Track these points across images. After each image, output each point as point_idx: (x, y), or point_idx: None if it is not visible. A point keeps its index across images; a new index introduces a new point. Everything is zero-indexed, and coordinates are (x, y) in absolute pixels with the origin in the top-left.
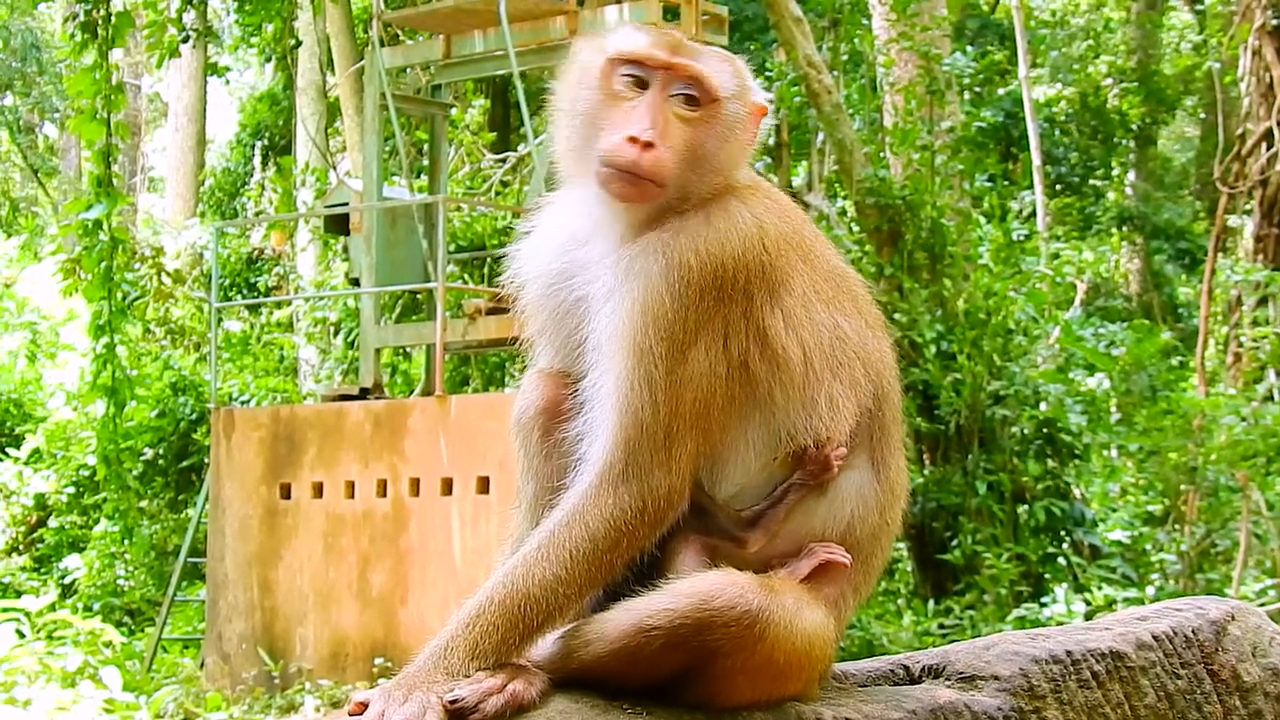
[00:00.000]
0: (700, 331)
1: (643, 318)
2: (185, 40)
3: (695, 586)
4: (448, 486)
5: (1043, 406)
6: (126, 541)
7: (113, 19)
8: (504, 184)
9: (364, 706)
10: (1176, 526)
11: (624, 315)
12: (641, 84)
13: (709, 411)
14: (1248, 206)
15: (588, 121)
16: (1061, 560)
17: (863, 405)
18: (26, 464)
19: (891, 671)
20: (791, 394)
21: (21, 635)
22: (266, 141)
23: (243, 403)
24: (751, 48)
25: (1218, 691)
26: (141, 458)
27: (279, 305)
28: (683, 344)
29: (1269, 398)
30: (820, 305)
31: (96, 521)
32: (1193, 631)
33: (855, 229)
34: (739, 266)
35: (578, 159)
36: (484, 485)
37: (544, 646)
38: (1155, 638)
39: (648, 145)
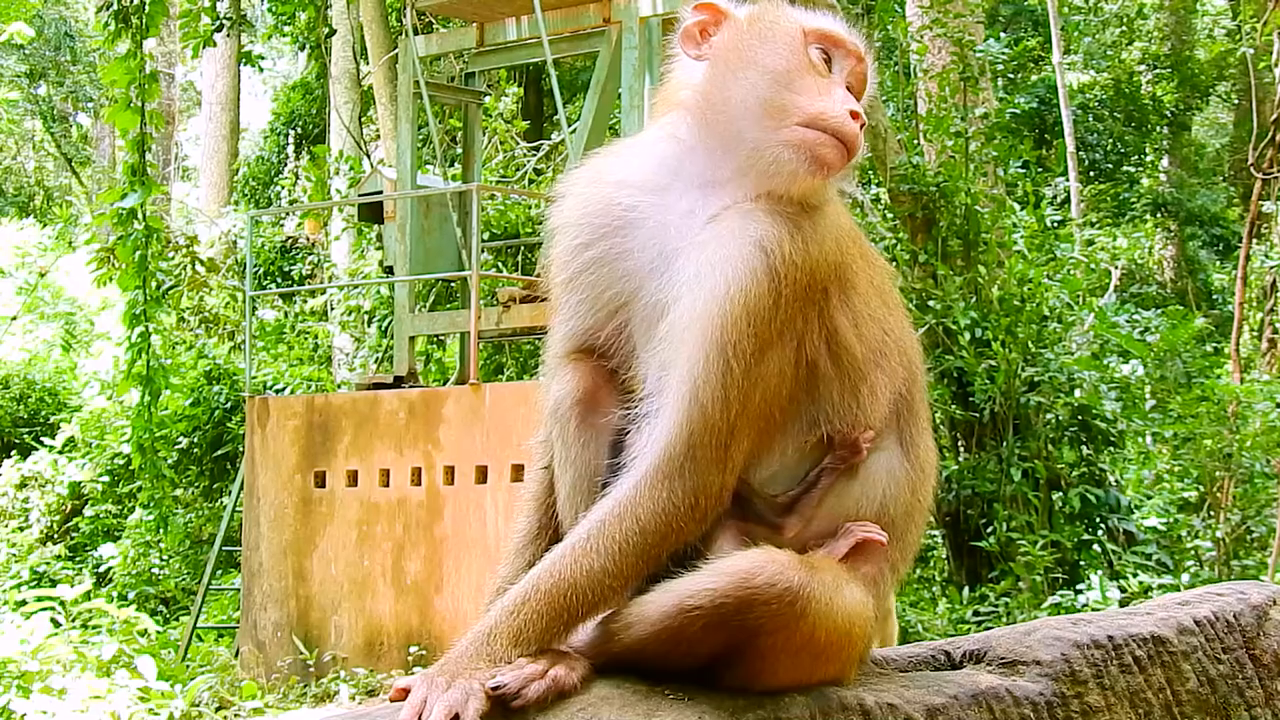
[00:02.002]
0: (784, 332)
1: (736, 310)
2: (219, 29)
3: (736, 565)
4: (482, 474)
5: (1077, 393)
6: (161, 530)
7: (146, 7)
8: (537, 172)
9: (405, 693)
10: (1212, 513)
11: (716, 302)
12: (828, 64)
13: (771, 412)
14: None
15: (780, 81)
16: (1096, 547)
17: (896, 390)
18: (61, 453)
19: (932, 657)
20: (843, 387)
21: (57, 624)
22: (300, 130)
23: (277, 391)
24: None
25: (1260, 676)
26: (176, 446)
27: (313, 294)
28: (766, 343)
29: None
30: (875, 299)
31: (131, 510)
32: (1234, 616)
33: (889, 216)
34: (827, 267)
35: (754, 112)
36: (518, 473)
37: (585, 631)
38: (1197, 622)
39: (862, 125)
